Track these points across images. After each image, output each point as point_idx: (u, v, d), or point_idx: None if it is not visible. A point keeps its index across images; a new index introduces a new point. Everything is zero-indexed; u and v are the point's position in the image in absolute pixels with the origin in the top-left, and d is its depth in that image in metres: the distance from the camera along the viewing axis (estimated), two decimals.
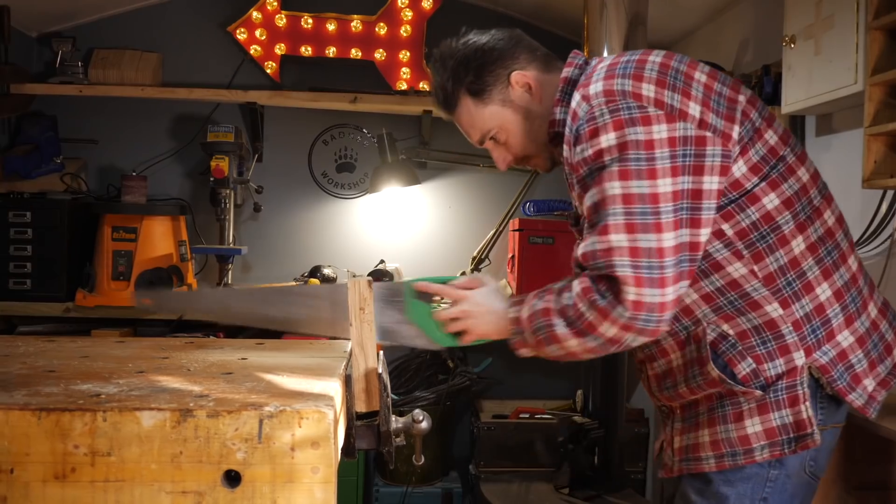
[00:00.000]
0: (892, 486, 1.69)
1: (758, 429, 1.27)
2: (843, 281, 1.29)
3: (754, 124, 1.28)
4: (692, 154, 1.22)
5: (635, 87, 1.25)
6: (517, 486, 2.78)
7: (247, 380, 1.13)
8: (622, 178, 1.22)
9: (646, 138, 1.22)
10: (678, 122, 1.23)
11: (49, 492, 0.91)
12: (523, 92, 1.42)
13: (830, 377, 1.26)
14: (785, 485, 1.29)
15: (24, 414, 0.91)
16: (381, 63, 3.32)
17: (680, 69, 1.28)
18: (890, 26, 1.70)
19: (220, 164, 2.98)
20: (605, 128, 1.24)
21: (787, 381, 1.25)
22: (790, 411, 1.25)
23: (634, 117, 1.23)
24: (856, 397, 1.27)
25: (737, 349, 1.27)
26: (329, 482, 0.95)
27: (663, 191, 1.21)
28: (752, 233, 1.26)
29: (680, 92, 1.25)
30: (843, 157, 2.06)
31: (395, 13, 3.31)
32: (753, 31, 2.57)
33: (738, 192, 1.25)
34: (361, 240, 3.46)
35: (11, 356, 1.30)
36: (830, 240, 1.30)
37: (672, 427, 1.39)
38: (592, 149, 1.25)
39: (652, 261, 1.20)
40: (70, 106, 3.29)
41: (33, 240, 2.94)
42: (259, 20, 3.28)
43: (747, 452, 1.28)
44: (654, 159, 1.21)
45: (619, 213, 1.22)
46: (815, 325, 1.27)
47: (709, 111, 1.24)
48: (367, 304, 1.36)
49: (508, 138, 1.45)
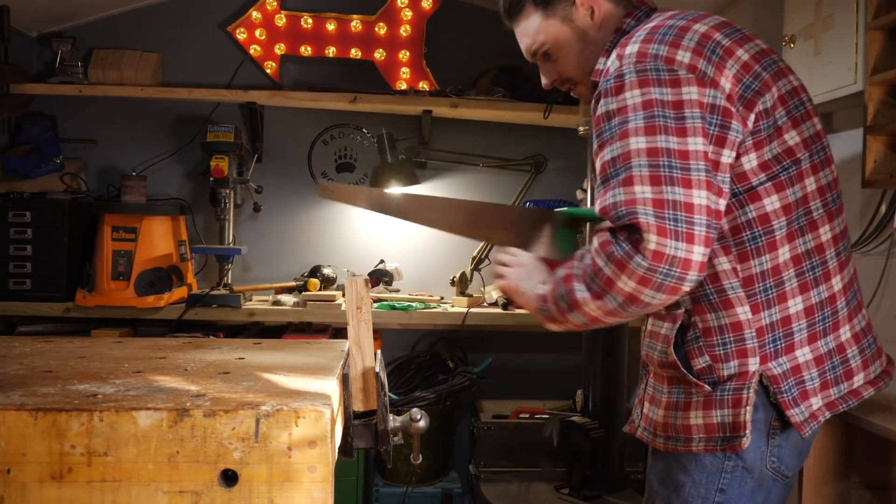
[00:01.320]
0: (892, 486, 1.69)
1: (699, 421, 1.28)
2: (818, 299, 1.27)
3: (776, 122, 1.25)
4: (718, 124, 1.19)
5: (670, 52, 1.23)
6: (517, 486, 2.77)
7: (244, 379, 1.13)
8: (648, 134, 1.18)
9: (673, 98, 1.19)
10: (709, 89, 1.20)
11: (46, 492, 0.91)
12: (586, 14, 1.41)
13: (778, 388, 1.25)
14: (744, 478, 1.28)
15: (20, 414, 0.91)
16: (380, 63, 3.32)
17: (722, 43, 1.25)
18: (890, 26, 1.70)
19: (219, 164, 2.99)
20: (631, 84, 1.21)
21: (735, 382, 1.25)
22: (731, 412, 1.25)
23: (663, 79, 1.20)
24: (796, 413, 1.25)
25: (698, 343, 1.28)
26: (326, 481, 0.95)
27: (693, 148, 1.17)
28: (745, 231, 1.24)
29: (714, 65, 1.22)
30: (843, 157, 2.05)
31: (395, 13, 3.31)
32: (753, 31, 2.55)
33: (742, 185, 1.23)
34: (361, 240, 3.46)
35: (8, 357, 1.30)
36: (818, 255, 1.27)
37: (645, 389, 1.41)
38: (616, 104, 1.22)
39: (678, 213, 1.14)
40: (70, 106, 3.29)
41: (33, 240, 2.95)
42: (259, 20, 3.28)
43: (686, 441, 1.29)
44: (684, 118, 1.18)
45: (643, 165, 1.17)
46: (778, 335, 1.25)
47: (737, 87, 1.22)
48: (364, 303, 1.36)
49: (559, 56, 1.45)
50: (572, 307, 1.25)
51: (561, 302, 1.26)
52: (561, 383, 3.38)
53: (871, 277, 1.91)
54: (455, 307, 3.16)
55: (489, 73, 3.26)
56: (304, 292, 3.12)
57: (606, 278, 1.18)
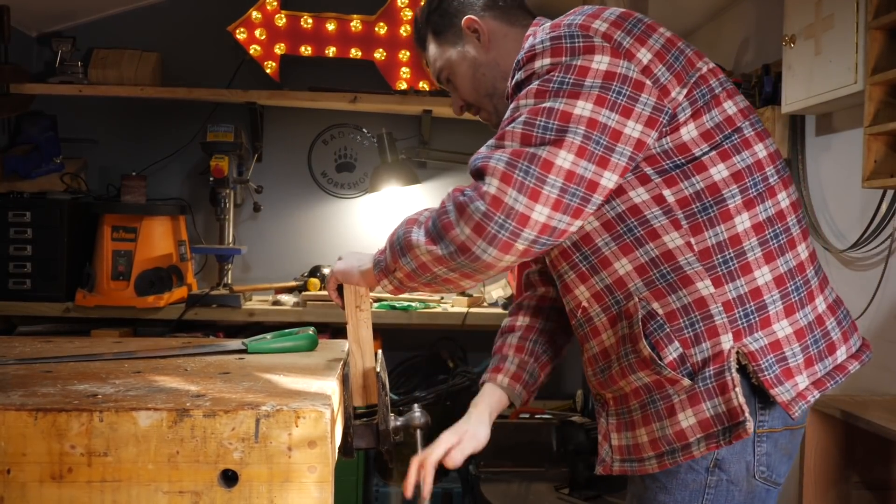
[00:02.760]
0: (892, 486, 1.69)
1: (692, 421, 1.17)
2: (787, 267, 1.20)
3: (713, 90, 1.21)
4: (626, 95, 1.15)
5: (586, 21, 1.21)
6: (517, 486, 2.77)
7: (244, 379, 1.13)
8: (537, 96, 1.16)
9: (582, 64, 1.16)
10: (622, 60, 1.17)
11: (46, 492, 0.91)
12: (472, 37, 1.41)
13: (758, 366, 1.16)
14: (730, 491, 1.20)
15: (20, 414, 0.91)
16: (380, 63, 3.32)
17: (643, 20, 1.23)
18: (890, 26, 1.70)
19: (219, 163, 2.99)
20: (543, 53, 1.20)
21: (714, 366, 1.16)
22: (721, 399, 1.15)
23: (576, 46, 1.18)
24: (781, 391, 1.16)
25: (664, 331, 1.18)
26: (326, 481, 0.94)
27: (578, 112, 1.13)
28: (695, 203, 1.18)
29: (635, 38, 1.19)
30: (843, 157, 2.05)
31: (395, 13, 3.30)
32: (753, 30, 2.57)
33: (684, 156, 1.18)
34: (361, 240, 3.46)
35: (8, 357, 1.30)
36: (780, 222, 1.21)
37: (607, 421, 1.31)
38: (525, 73, 1.21)
39: (531, 167, 1.11)
40: (70, 106, 3.30)
41: (33, 240, 2.95)
42: (259, 20, 3.28)
43: (685, 448, 1.18)
44: (582, 85, 1.15)
45: (518, 122, 1.15)
46: (749, 308, 1.18)
47: (660, 63, 1.19)
48: (363, 302, 1.36)
49: (457, 81, 1.45)
50: (405, 249, 1.21)
51: (396, 245, 1.23)
52: (561, 383, 3.39)
53: (871, 277, 1.91)
54: (455, 307, 3.16)
55: None
56: (304, 292, 3.12)
57: (447, 221, 1.15)
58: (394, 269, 1.24)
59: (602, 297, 1.25)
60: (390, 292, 1.30)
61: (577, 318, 1.31)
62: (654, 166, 1.19)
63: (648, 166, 1.19)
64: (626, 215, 1.20)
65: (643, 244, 1.19)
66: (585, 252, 1.25)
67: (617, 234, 1.21)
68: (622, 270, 1.22)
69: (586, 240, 1.24)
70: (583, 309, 1.29)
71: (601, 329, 1.27)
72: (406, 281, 1.25)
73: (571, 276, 1.29)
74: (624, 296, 1.22)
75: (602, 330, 1.27)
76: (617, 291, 1.23)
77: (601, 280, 1.24)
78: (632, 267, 1.21)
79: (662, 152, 1.19)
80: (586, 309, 1.28)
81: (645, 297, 1.20)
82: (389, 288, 1.28)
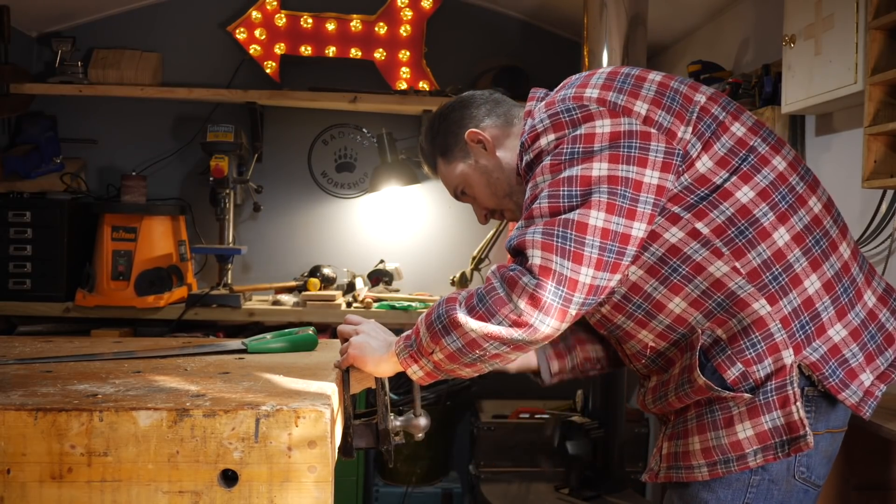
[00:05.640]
0: (892, 486, 1.69)
1: (749, 433, 1.20)
2: (833, 271, 1.23)
3: (717, 118, 1.24)
4: (637, 147, 1.20)
5: (577, 93, 1.26)
6: (517, 486, 2.78)
7: (244, 379, 1.13)
8: (552, 170, 1.20)
9: (586, 132, 1.21)
10: (622, 118, 1.21)
11: (46, 492, 0.91)
12: (479, 147, 1.44)
13: (822, 374, 1.20)
14: (770, 491, 1.23)
15: (20, 414, 0.91)
16: (380, 63, 3.32)
17: (631, 73, 1.28)
18: (890, 26, 1.70)
19: (219, 163, 2.98)
20: (546, 131, 1.24)
21: (776, 381, 1.19)
22: (781, 413, 1.19)
23: (575, 118, 1.22)
24: (849, 395, 1.21)
25: (726, 354, 1.21)
26: (326, 481, 0.95)
27: (596, 174, 1.17)
28: (729, 229, 1.21)
29: (626, 93, 1.24)
30: (843, 157, 2.05)
31: (395, 13, 3.30)
32: (753, 30, 2.57)
33: (706, 187, 1.22)
34: (361, 240, 3.46)
35: (8, 357, 1.30)
36: (818, 228, 1.24)
37: (664, 433, 1.34)
38: (533, 153, 1.26)
39: (569, 232, 1.15)
40: (70, 106, 3.29)
41: (33, 240, 2.95)
42: (259, 20, 3.28)
43: (740, 459, 1.21)
44: (592, 150, 1.19)
45: (542, 198, 1.19)
46: (804, 320, 1.21)
47: (658, 108, 1.22)
48: None
49: (475, 193, 1.48)
50: (449, 328, 1.17)
51: (437, 324, 1.19)
52: (561, 383, 3.38)
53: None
54: None
55: (489, 72, 3.25)
56: (304, 292, 3.12)
57: (497, 298, 1.15)
58: (431, 350, 1.20)
59: (667, 335, 1.28)
60: (418, 380, 1.26)
61: (647, 357, 1.33)
62: (680, 204, 1.22)
63: (675, 205, 1.22)
64: (667, 257, 1.23)
65: (691, 280, 1.23)
66: (637, 301, 1.28)
67: (663, 277, 1.24)
68: (678, 309, 1.25)
69: (635, 290, 1.27)
70: (651, 348, 1.32)
71: (675, 360, 1.30)
72: (444, 363, 1.21)
73: (630, 324, 1.32)
74: (688, 330, 1.26)
75: (676, 361, 1.30)
76: (680, 327, 1.27)
77: (660, 322, 1.28)
78: (686, 304, 1.24)
79: (684, 189, 1.22)
80: (654, 347, 1.31)
81: (708, 327, 1.23)
82: (418, 374, 1.24)
